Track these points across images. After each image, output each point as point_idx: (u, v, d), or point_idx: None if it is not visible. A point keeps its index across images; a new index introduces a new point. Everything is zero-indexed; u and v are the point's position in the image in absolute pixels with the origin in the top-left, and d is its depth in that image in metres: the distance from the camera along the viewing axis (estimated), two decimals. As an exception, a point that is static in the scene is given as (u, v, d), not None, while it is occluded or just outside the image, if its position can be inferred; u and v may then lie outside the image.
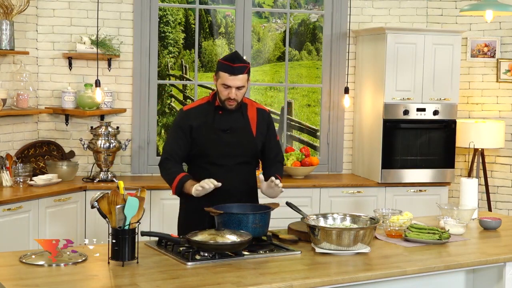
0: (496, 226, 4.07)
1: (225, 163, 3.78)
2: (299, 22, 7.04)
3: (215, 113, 3.80)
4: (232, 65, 3.69)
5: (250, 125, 3.83)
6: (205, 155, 3.79)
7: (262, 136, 3.87)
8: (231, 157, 3.79)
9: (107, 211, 3.27)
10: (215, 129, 3.77)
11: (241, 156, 3.81)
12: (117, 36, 5.84)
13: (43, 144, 5.76)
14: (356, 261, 3.28)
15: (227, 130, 3.78)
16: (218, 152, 3.77)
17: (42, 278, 2.90)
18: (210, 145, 3.77)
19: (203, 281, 2.90)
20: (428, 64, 5.95)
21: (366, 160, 6.18)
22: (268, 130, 3.91)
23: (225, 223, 3.43)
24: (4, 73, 5.49)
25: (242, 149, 3.80)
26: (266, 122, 3.90)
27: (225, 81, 3.69)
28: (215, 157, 3.78)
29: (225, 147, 3.77)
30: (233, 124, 3.79)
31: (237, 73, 3.68)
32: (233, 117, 3.80)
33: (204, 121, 3.78)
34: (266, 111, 3.96)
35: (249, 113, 3.86)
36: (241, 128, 3.81)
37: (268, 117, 3.95)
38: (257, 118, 3.86)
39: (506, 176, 6.42)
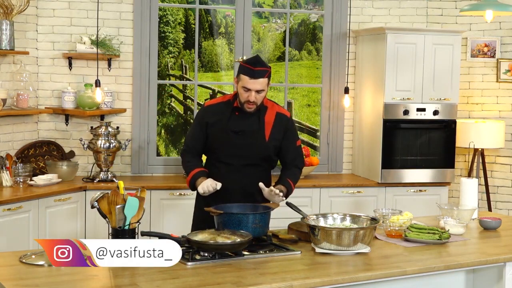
0: (496, 226, 4.07)
1: (232, 162, 3.85)
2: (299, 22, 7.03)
3: (231, 113, 3.86)
4: (253, 69, 3.74)
5: (264, 129, 3.86)
6: (214, 152, 3.89)
7: (276, 141, 3.89)
8: (238, 158, 3.84)
9: (107, 211, 3.27)
10: (227, 129, 3.83)
11: (249, 158, 3.85)
12: (117, 36, 5.84)
13: (43, 144, 5.76)
14: (356, 261, 3.28)
15: (238, 132, 3.83)
16: (226, 152, 3.85)
17: (42, 278, 2.90)
18: (219, 144, 3.85)
19: (203, 281, 2.90)
20: (428, 64, 5.95)
21: (366, 160, 6.18)
22: (287, 134, 3.92)
23: (225, 223, 3.43)
24: (4, 73, 5.49)
25: (250, 151, 3.84)
26: (284, 126, 3.92)
27: (245, 84, 3.74)
28: (222, 156, 3.86)
29: (233, 148, 3.83)
30: (247, 127, 3.84)
31: (257, 77, 3.73)
32: (248, 120, 3.84)
33: (220, 119, 3.86)
34: (286, 116, 3.96)
35: (266, 117, 3.88)
36: (254, 132, 3.84)
37: (287, 121, 3.95)
38: (273, 122, 3.88)
39: (506, 176, 6.42)
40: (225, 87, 7.05)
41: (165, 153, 6.65)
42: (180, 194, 5.49)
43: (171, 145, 6.76)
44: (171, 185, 5.58)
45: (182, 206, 5.37)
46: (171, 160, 6.11)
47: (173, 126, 6.85)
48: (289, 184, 3.91)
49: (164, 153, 6.61)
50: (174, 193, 5.50)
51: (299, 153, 4.03)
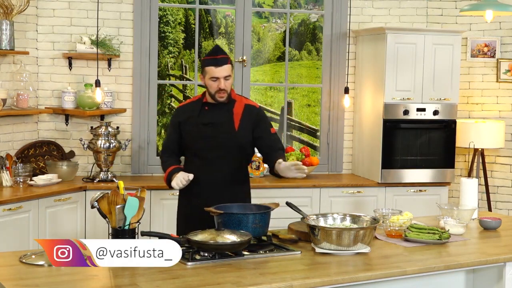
0: (496, 226, 4.07)
1: (206, 155, 3.96)
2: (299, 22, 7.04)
3: (201, 108, 4.00)
4: (216, 57, 3.92)
5: (233, 120, 3.96)
6: (190, 147, 4.02)
7: (246, 131, 3.97)
8: (211, 150, 3.94)
9: (107, 211, 3.27)
10: (198, 123, 3.97)
11: (222, 149, 3.94)
12: (117, 36, 5.84)
13: (43, 144, 5.76)
14: (356, 261, 3.28)
15: (208, 124, 3.95)
16: (199, 145, 3.97)
17: (42, 278, 2.90)
18: (193, 138, 3.98)
19: (203, 281, 2.90)
20: (428, 64, 5.95)
21: (366, 160, 6.18)
22: (259, 124, 4.01)
23: (225, 223, 3.43)
24: (4, 73, 5.49)
25: (221, 142, 3.94)
26: (254, 117, 4.00)
27: (212, 74, 3.88)
28: (198, 150, 3.98)
29: (205, 140, 3.94)
30: (216, 119, 3.96)
31: (221, 64, 3.90)
32: (218, 112, 3.97)
33: (191, 116, 4.00)
34: (255, 107, 4.07)
35: (235, 108, 3.99)
36: (223, 123, 3.95)
37: (258, 112, 4.04)
38: (242, 113, 3.99)
39: (506, 176, 6.42)
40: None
41: (165, 153, 6.64)
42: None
43: (171, 145, 6.76)
44: (171, 185, 5.57)
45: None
46: (171, 160, 6.11)
47: (173, 126, 6.85)
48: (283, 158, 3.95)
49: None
50: (174, 193, 5.49)
51: (278, 138, 4.09)
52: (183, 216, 4.09)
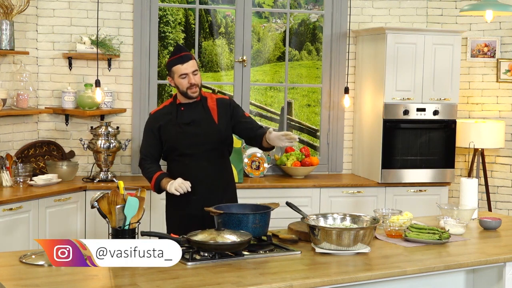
0: (496, 226, 4.07)
1: (193, 152, 4.02)
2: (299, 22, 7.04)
3: (177, 110, 4.07)
4: (180, 55, 4.00)
5: (212, 115, 4.07)
6: (175, 148, 4.06)
7: (225, 122, 4.07)
8: (197, 146, 4.02)
9: (107, 211, 3.27)
10: (179, 123, 4.04)
11: (207, 144, 4.03)
12: (117, 36, 5.84)
13: (43, 144, 5.76)
14: (356, 261, 3.28)
15: (190, 123, 4.03)
16: (185, 143, 4.02)
17: (42, 278, 2.90)
18: (177, 138, 4.03)
19: (203, 281, 2.90)
20: (428, 64, 5.95)
21: (366, 160, 6.18)
22: (234, 111, 4.12)
23: (225, 223, 3.43)
24: (4, 73, 5.49)
25: (206, 137, 4.03)
26: (228, 107, 4.12)
27: (180, 71, 3.98)
28: (183, 148, 4.03)
29: (191, 138, 4.02)
30: (195, 117, 4.04)
31: (187, 60, 3.98)
32: (194, 110, 4.06)
33: (169, 119, 4.06)
34: (225, 98, 4.21)
35: (209, 104, 4.10)
36: (203, 119, 4.05)
37: (229, 103, 4.17)
38: (217, 107, 4.10)
39: (506, 176, 6.42)
40: (225, 87, 7.06)
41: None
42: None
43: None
44: (171, 185, 5.57)
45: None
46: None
47: (173, 126, 6.85)
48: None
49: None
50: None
51: (253, 120, 4.22)
52: (176, 216, 4.09)
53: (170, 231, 3.93)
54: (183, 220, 4.00)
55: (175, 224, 4.09)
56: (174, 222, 4.11)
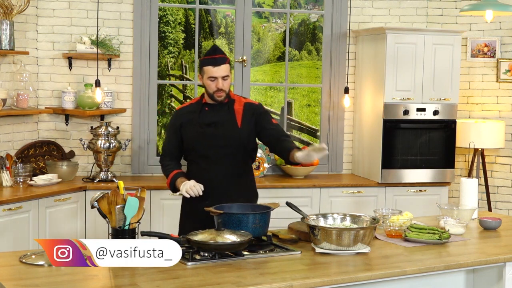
0: (496, 226, 4.07)
1: (211, 155, 3.92)
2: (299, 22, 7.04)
3: (201, 109, 3.98)
4: (214, 57, 3.89)
5: (235, 118, 3.95)
6: (193, 149, 3.97)
7: (249, 127, 3.95)
8: (216, 149, 3.91)
9: (107, 211, 3.27)
10: (200, 124, 3.94)
11: (226, 148, 3.92)
12: (117, 36, 5.84)
13: (43, 144, 5.76)
14: (356, 261, 3.28)
15: (211, 124, 3.93)
16: (203, 145, 3.93)
17: (42, 278, 2.90)
18: (196, 139, 3.94)
19: (203, 281, 2.90)
20: (428, 64, 5.95)
21: (366, 160, 6.18)
22: (260, 117, 3.98)
23: (225, 223, 3.43)
24: (4, 73, 5.49)
25: (226, 141, 3.91)
26: (255, 113, 3.99)
27: (210, 73, 3.87)
28: (201, 150, 3.94)
29: (209, 140, 3.91)
30: (218, 119, 3.94)
31: (220, 63, 3.87)
32: (218, 112, 3.96)
33: (192, 118, 3.97)
34: (254, 104, 4.08)
35: (235, 107, 3.99)
36: (225, 122, 3.94)
37: (258, 108, 4.03)
38: (243, 111, 3.98)
39: (506, 176, 6.42)
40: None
41: (165, 153, 6.64)
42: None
43: (171, 145, 6.75)
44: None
45: (182, 206, 5.36)
46: (171, 160, 6.11)
47: (173, 126, 6.85)
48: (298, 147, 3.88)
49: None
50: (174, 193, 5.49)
51: (281, 128, 4.07)
52: (190, 218, 4.00)
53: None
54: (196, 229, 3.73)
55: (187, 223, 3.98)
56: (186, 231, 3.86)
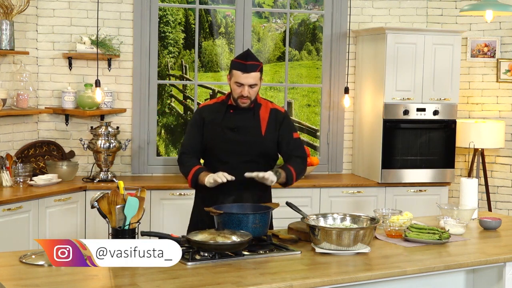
0: (496, 226, 4.07)
1: (229, 160, 3.81)
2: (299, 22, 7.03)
3: (226, 111, 3.86)
4: (245, 63, 3.76)
5: (260, 125, 3.85)
6: (211, 151, 3.87)
7: (272, 136, 3.87)
8: (235, 155, 3.81)
9: (107, 211, 3.27)
10: (223, 126, 3.83)
11: (247, 155, 3.82)
12: (117, 36, 5.84)
13: (43, 144, 5.76)
14: (356, 261, 3.28)
15: (234, 129, 3.83)
16: (222, 149, 3.82)
17: (42, 278, 2.90)
18: (215, 141, 3.83)
19: (203, 281, 2.90)
20: (428, 64, 5.95)
21: (366, 160, 6.18)
22: (282, 127, 3.89)
23: (225, 223, 3.43)
24: (4, 73, 5.49)
25: (247, 148, 3.82)
26: (280, 121, 3.90)
27: (237, 79, 3.75)
28: (219, 154, 3.83)
29: (230, 145, 3.81)
30: (242, 123, 3.83)
31: (249, 71, 3.75)
32: (243, 116, 3.84)
33: (215, 118, 3.85)
34: (281, 111, 3.96)
35: (261, 113, 3.88)
36: (250, 128, 3.84)
37: (283, 117, 3.93)
38: (268, 118, 3.88)
39: (506, 176, 6.42)
40: (225, 87, 7.05)
41: (165, 153, 6.65)
42: (180, 194, 5.49)
43: (171, 145, 6.76)
44: (171, 185, 5.58)
45: (182, 206, 5.36)
46: (171, 160, 6.11)
47: (173, 126, 6.86)
48: (289, 170, 3.85)
49: (164, 153, 6.61)
50: (174, 193, 5.50)
51: (298, 143, 3.99)
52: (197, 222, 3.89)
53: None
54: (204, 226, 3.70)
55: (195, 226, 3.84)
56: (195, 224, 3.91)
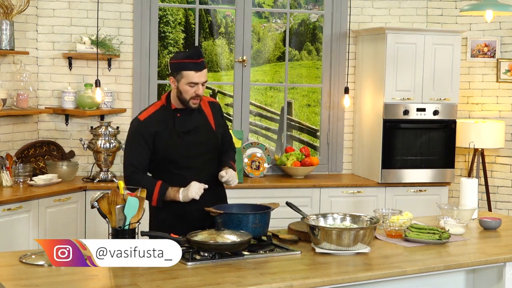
0: (496, 226, 4.07)
1: (193, 164, 3.71)
2: (299, 22, 7.04)
3: (174, 116, 3.71)
4: (197, 61, 3.63)
5: (209, 121, 3.80)
6: (171, 160, 3.70)
7: (219, 128, 3.85)
8: (198, 157, 3.73)
9: (107, 211, 3.27)
10: (178, 132, 3.69)
11: (208, 154, 3.77)
12: (117, 36, 5.84)
13: (43, 144, 5.76)
14: (356, 261, 3.28)
15: (190, 132, 3.72)
16: (185, 155, 3.70)
17: (42, 278, 2.90)
18: (176, 149, 3.69)
19: (203, 281, 2.90)
20: (428, 64, 5.94)
21: (366, 160, 6.18)
22: (221, 119, 3.90)
23: (225, 223, 3.43)
24: (4, 73, 5.49)
25: (207, 147, 3.76)
26: (219, 113, 3.90)
27: (191, 79, 3.61)
28: (182, 161, 3.70)
29: (191, 148, 3.71)
30: (194, 124, 3.74)
31: (202, 69, 3.65)
32: (192, 117, 3.74)
33: (165, 126, 3.68)
34: (216, 103, 3.94)
35: (204, 109, 3.81)
36: (202, 126, 3.76)
37: (219, 108, 3.93)
38: (212, 111, 3.83)
39: (506, 176, 6.42)
40: (225, 87, 7.06)
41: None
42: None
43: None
44: (171, 185, 5.57)
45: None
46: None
47: (173, 126, 6.84)
48: (232, 166, 3.83)
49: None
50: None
51: (231, 135, 4.01)
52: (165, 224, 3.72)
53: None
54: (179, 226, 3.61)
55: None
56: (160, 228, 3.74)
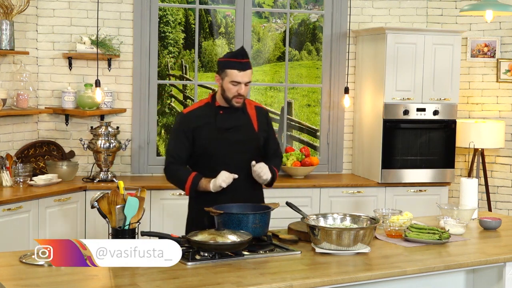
0: (496, 226, 4.07)
1: (231, 162, 3.79)
2: (299, 22, 7.04)
3: (216, 113, 3.83)
4: (241, 61, 3.74)
5: (252, 122, 3.88)
6: (210, 155, 3.80)
7: (263, 131, 3.93)
8: (236, 155, 3.80)
9: (107, 211, 3.27)
10: (219, 128, 3.80)
11: (247, 153, 3.82)
12: (117, 36, 5.84)
13: (43, 144, 5.76)
14: (356, 261, 3.28)
15: (230, 129, 3.81)
16: (223, 151, 3.80)
17: (42, 278, 2.90)
18: (215, 145, 3.79)
19: (203, 281, 2.90)
20: (428, 64, 5.95)
21: (366, 160, 6.18)
22: (268, 126, 3.98)
23: (225, 223, 3.43)
24: (4, 73, 5.49)
25: (246, 146, 3.83)
26: (265, 118, 3.98)
27: (235, 78, 3.72)
28: (221, 157, 3.79)
29: (230, 145, 3.80)
30: (236, 123, 3.83)
31: (246, 68, 3.74)
32: (234, 115, 3.84)
33: (207, 122, 3.81)
34: (263, 109, 4.04)
35: (248, 110, 3.91)
36: (244, 125, 3.86)
37: (266, 114, 4.03)
38: (256, 114, 3.92)
39: (506, 176, 6.42)
40: (225, 87, 7.03)
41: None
42: (180, 194, 5.49)
43: (171, 145, 6.75)
44: (171, 185, 5.55)
45: (182, 206, 5.35)
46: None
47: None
48: (274, 172, 3.90)
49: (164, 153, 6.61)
50: (174, 193, 5.49)
51: (278, 144, 4.09)
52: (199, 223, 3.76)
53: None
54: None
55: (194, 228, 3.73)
56: (191, 224, 3.90)
